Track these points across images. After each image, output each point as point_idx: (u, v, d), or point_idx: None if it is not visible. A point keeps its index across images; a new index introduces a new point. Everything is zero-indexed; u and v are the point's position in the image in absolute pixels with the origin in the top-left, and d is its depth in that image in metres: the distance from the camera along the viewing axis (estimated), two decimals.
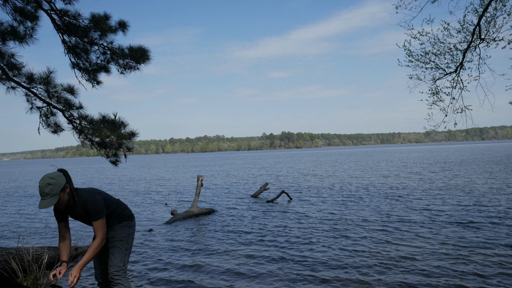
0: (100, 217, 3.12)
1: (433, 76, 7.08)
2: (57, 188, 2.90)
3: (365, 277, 4.79)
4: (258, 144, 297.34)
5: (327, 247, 6.28)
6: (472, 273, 4.78)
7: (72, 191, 3.07)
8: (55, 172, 3.01)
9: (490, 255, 5.44)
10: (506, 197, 10.54)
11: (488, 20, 6.45)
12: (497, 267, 4.93)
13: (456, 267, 5.02)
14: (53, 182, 2.89)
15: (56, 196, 2.90)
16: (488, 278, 4.60)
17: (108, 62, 5.39)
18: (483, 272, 4.79)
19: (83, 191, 3.16)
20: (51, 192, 2.88)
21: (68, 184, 3.02)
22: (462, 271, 4.86)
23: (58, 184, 2.91)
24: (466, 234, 6.69)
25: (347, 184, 16.14)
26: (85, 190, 3.19)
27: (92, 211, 3.09)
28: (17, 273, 4.80)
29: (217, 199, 13.09)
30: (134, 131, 4.95)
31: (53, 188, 2.88)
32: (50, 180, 2.90)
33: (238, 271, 5.23)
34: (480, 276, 4.67)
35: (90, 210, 3.09)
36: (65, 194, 2.99)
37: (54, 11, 5.07)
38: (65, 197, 3.01)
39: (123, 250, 3.39)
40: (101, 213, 3.12)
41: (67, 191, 3.01)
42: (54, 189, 2.89)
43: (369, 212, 9.22)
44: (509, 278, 4.55)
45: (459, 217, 8.20)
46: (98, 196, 3.16)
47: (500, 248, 5.78)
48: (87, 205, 3.09)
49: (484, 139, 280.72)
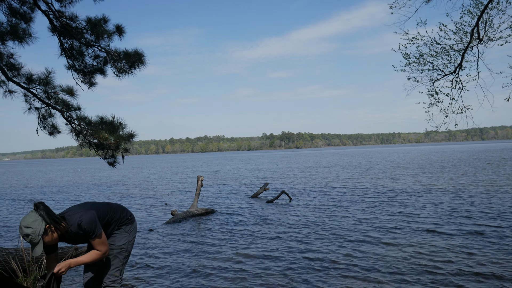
0: (97, 233, 2.92)
1: (431, 78, 7.07)
2: (37, 236, 2.65)
3: (365, 278, 4.79)
4: (258, 144, 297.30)
5: (327, 247, 6.28)
6: (473, 273, 4.80)
7: (58, 224, 2.80)
8: (31, 216, 2.69)
9: (492, 256, 5.45)
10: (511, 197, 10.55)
11: (484, 21, 6.45)
12: (499, 269, 4.94)
13: (453, 267, 5.03)
14: (30, 232, 2.63)
15: (40, 243, 2.66)
16: (488, 278, 4.61)
17: (104, 64, 5.39)
18: (484, 272, 4.81)
19: (72, 214, 2.93)
20: (33, 241, 2.65)
21: (49, 224, 2.73)
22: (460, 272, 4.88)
23: (36, 233, 2.65)
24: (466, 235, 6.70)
25: (347, 185, 16.15)
26: (74, 212, 2.95)
27: (87, 230, 2.89)
28: (17, 273, 4.81)
29: (217, 199, 13.10)
30: (132, 132, 4.93)
31: (32, 237, 2.64)
32: (27, 230, 2.63)
33: (238, 272, 5.24)
34: (482, 276, 4.69)
35: (85, 230, 2.89)
36: (51, 234, 2.76)
37: (53, 12, 5.08)
38: (53, 236, 2.78)
39: (121, 259, 3.22)
40: (97, 229, 2.93)
41: (52, 230, 2.76)
42: (34, 238, 2.65)
43: (369, 212, 9.24)
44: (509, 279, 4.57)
45: (453, 218, 8.21)
46: (89, 214, 2.93)
47: (503, 250, 5.79)
48: (81, 226, 2.88)
49: (484, 139, 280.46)
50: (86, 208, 3.00)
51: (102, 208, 3.15)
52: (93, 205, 3.12)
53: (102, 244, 2.95)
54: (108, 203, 3.30)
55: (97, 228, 2.93)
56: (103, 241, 2.96)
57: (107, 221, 3.15)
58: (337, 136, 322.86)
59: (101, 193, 17.28)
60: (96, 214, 3.00)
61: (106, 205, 3.24)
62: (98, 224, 2.95)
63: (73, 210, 2.98)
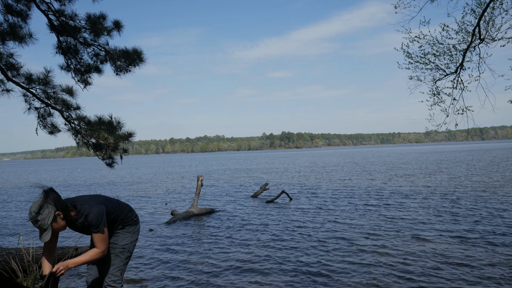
0: (101, 228, 2.92)
1: (434, 77, 7.06)
2: (47, 222, 2.67)
3: (365, 277, 4.79)
4: (258, 144, 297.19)
5: (327, 247, 6.28)
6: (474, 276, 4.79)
7: (68, 212, 2.84)
8: (41, 202, 2.71)
9: (494, 257, 5.45)
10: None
11: (487, 20, 6.43)
12: (502, 270, 4.93)
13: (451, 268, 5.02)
14: (40, 218, 2.66)
15: (49, 230, 2.69)
16: (490, 279, 4.60)
17: (102, 62, 5.37)
18: (486, 274, 4.80)
19: (83, 204, 2.95)
20: (42, 226, 2.67)
21: (59, 210, 2.77)
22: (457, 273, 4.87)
23: (46, 218, 2.67)
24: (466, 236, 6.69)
25: (347, 185, 16.14)
26: (85, 202, 2.98)
27: (92, 222, 2.90)
28: (17, 273, 4.80)
29: (217, 199, 13.09)
30: (131, 131, 4.91)
31: (42, 223, 2.66)
32: (36, 216, 2.66)
33: (238, 271, 5.23)
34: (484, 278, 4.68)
35: (90, 222, 2.91)
36: (60, 221, 2.78)
37: (52, 11, 5.07)
38: (61, 223, 2.80)
39: (123, 258, 3.23)
40: (102, 224, 2.93)
41: (61, 217, 2.79)
42: (44, 223, 2.67)
43: (369, 212, 9.23)
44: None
45: (455, 220, 8.20)
46: (99, 207, 2.96)
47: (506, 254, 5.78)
48: (88, 217, 2.91)
49: (484, 139, 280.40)
50: (98, 201, 3.04)
51: (112, 204, 3.20)
52: (105, 199, 3.17)
53: (102, 241, 2.95)
54: (118, 201, 3.34)
55: (103, 222, 2.95)
56: (104, 238, 2.96)
57: (113, 218, 3.18)
58: (337, 136, 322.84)
59: (101, 193, 17.26)
60: (105, 209, 3.03)
61: (116, 202, 3.30)
62: (104, 219, 2.97)
63: (85, 199, 3.01)
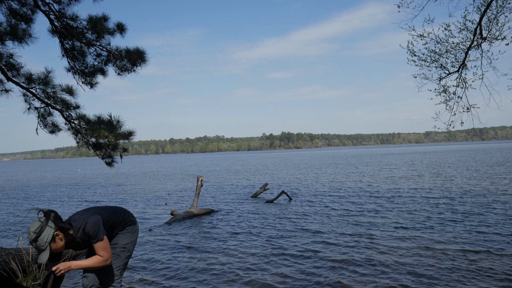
0: (100, 237, 2.94)
1: (440, 75, 7.07)
2: (45, 242, 2.67)
3: (364, 278, 4.78)
4: (258, 144, 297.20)
5: (326, 247, 6.27)
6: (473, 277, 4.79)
7: (67, 231, 2.83)
8: (40, 222, 2.73)
9: (496, 258, 5.44)
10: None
11: (490, 19, 6.42)
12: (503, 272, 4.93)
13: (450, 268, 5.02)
14: (39, 239, 2.67)
15: (47, 250, 2.69)
16: (492, 279, 4.60)
17: (105, 64, 5.37)
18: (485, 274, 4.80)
19: (77, 219, 2.96)
20: (40, 247, 2.68)
21: (59, 230, 2.77)
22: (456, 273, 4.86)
23: (44, 238, 2.67)
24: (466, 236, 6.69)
25: (346, 185, 16.14)
26: (79, 216, 2.99)
27: (90, 233, 2.92)
28: (16, 273, 4.80)
29: (217, 200, 13.08)
30: (131, 130, 4.91)
31: (40, 244, 2.67)
32: (34, 236, 2.66)
33: (238, 272, 5.23)
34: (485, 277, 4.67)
35: (88, 233, 2.92)
36: (59, 241, 2.78)
37: (53, 12, 5.06)
38: (60, 244, 2.80)
39: (123, 258, 3.26)
40: (100, 233, 2.95)
41: (59, 237, 2.78)
42: (42, 244, 2.67)
43: (368, 212, 9.22)
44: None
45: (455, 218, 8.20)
46: (93, 218, 2.97)
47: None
48: (85, 229, 2.91)
49: (484, 140, 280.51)
50: (91, 213, 3.05)
51: (106, 212, 3.21)
52: (97, 209, 3.18)
53: (104, 250, 2.96)
54: (111, 207, 3.35)
55: (101, 232, 2.96)
56: (105, 247, 2.97)
57: (111, 225, 3.20)
58: (337, 136, 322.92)
59: (101, 193, 17.25)
60: (100, 218, 3.04)
61: (110, 209, 3.30)
62: (101, 228, 2.98)
63: (78, 215, 3.03)
